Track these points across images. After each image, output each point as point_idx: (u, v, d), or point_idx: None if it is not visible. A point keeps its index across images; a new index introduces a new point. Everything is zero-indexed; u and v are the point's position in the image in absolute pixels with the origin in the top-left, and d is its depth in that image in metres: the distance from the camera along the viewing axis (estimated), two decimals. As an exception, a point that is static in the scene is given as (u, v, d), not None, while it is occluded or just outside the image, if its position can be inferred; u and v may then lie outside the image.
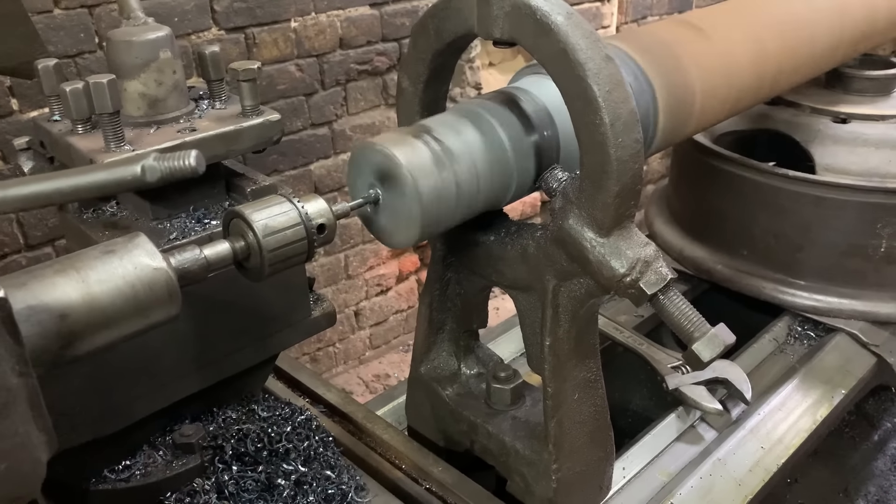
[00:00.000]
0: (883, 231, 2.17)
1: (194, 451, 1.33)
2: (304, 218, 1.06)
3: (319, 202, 1.09)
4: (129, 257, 0.85)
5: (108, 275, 0.83)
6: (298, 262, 1.08)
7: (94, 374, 1.16)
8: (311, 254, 1.08)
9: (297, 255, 1.06)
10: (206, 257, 0.98)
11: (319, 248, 1.11)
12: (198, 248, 0.99)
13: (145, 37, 1.25)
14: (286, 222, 1.04)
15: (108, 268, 0.83)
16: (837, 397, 2.00)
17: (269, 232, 1.03)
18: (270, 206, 1.05)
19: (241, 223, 1.04)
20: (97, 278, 0.82)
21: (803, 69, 1.97)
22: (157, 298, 0.87)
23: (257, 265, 1.04)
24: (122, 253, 0.85)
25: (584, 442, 1.46)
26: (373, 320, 3.82)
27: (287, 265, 1.06)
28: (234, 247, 1.03)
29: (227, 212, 1.07)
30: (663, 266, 1.23)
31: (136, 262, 0.85)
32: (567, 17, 1.15)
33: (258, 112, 1.31)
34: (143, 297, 0.86)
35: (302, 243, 1.06)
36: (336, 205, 1.13)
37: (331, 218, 1.09)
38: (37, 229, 2.58)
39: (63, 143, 1.23)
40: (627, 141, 1.16)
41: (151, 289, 0.86)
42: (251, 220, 1.03)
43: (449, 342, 1.65)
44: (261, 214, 1.04)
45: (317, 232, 1.07)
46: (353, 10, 3.16)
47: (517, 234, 1.41)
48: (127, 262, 0.85)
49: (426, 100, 1.44)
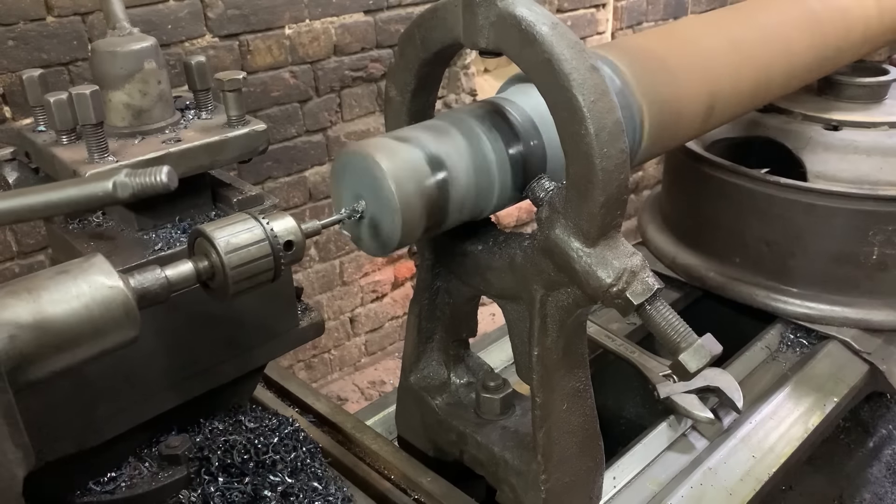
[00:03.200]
0: (875, 238, 2.17)
1: (180, 463, 1.32)
2: (270, 235, 1.03)
3: (287, 220, 1.07)
4: (84, 276, 0.83)
5: (61, 294, 0.80)
6: (265, 279, 1.04)
7: (76, 387, 1.15)
8: (278, 272, 1.05)
9: (262, 273, 1.03)
10: (168, 277, 0.96)
11: (288, 265, 1.08)
12: (159, 268, 0.97)
13: (130, 47, 1.24)
14: (250, 239, 1.02)
15: (62, 287, 0.81)
16: (829, 405, 1.99)
17: (232, 249, 1.00)
18: (234, 223, 1.03)
19: (204, 242, 1.02)
20: (50, 298, 0.80)
21: (792, 79, 1.97)
22: (113, 319, 0.84)
23: (222, 285, 1.02)
24: (76, 272, 0.83)
25: (573, 452, 1.46)
26: (368, 327, 3.81)
27: (253, 283, 1.03)
28: (198, 266, 1.00)
29: (192, 231, 1.05)
30: (650, 276, 1.23)
31: (90, 282, 0.83)
32: (552, 27, 1.15)
33: (244, 122, 1.30)
34: (99, 317, 0.83)
35: (267, 260, 1.03)
36: (306, 223, 1.11)
37: (299, 235, 1.07)
38: (30, 237, 2.58)
39: (47, 154, 1.23)
40: (613, 151, 1.15)
41: (108, 309, 0.83)
42: (213, 238, 1.00)
43: (438, 351, 1.64)
44: (223, 232, 1.01)
45: (284, 249, 1.05)
46: (348, 17, 3.16)
47: (505, 243, 1.40)
48: (81, 282, 0.82)
49: (413, 109, 1.44)
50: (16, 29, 2.36)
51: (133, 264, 1.16)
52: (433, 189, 1.21)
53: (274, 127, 3.07)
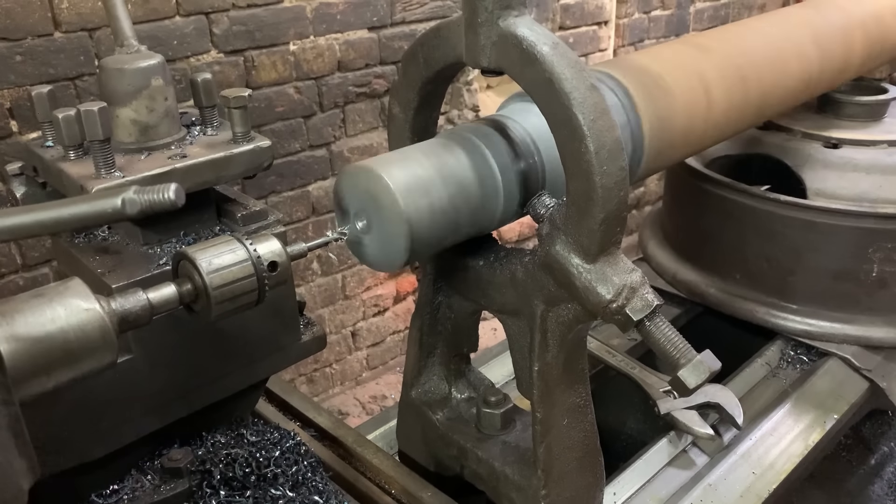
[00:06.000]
0: (874, 256, 2.18)
1: (182, 476, 1.33)
2: (254, 256, 1.03)
3: (272, 242, 1.07)
4: (60, 300, 0.82)
5: (35, 318, 0.79)
6: (249, 301, 1.05)
7: (81, 400, 1.16)
8: (262, 294, 1.06)
9: (245, 294, 1.03)
10: (150, 300, 0.96)
11: (274, 288, 1.07)
12: (141, 290, 0.97)
13: (137, 65, 1.26)
14: (233, 260, 1.02)
15: (37, 311, 0.80)
16: (830, 422, 1.99)
17: (214, 269, 1.01)
18: (217, 245, 1.03)
19: (187, 264, 1.02)
20: (24, 321, 0.79)
21: (792, 97, 1.98)
22: (90, 343, 0.83)
23: (205, 306, 1.02)
24: (52, 296, 0.82)
25: (573, 467, 1.46)
26: (370, 341, 3.81)
27: (236, 305, 1.03)
28: (181, 289, 1.01)
29: (175, 253, 1.06)
30: (649, 292, 1.24)
31: (66, 305, 0.82)
32: (553, 47, 1.17)
33: (249, 138, 1.32)
34: (75, 341, 0.82)
35: (251, 281, 1.03)
36: (292, 245, 1.12)
37: (283, 257, 1.07)
38: (34, 250, 2.59)
39: (55, 169, 1.24)
40: (612, 169, 1.17)
41: (84, 332, 0.82)
42: (196, 259, 1.01)
43: (440, 366, 1.65)
44: (206, 254, 1.02)
45: (268, 270, 1.05)
46: (352, 34, 3.19)
47: (506, 259, 1.42)
48: (57, 305, 0.81)
49: (417, 126, 1.46)
50: (24, 44, 2.39)
51: (119, 284, 1.15)
52: (438, 207, 1.22)
53: (278, 142, 3.10)
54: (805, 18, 2.11)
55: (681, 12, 4.58)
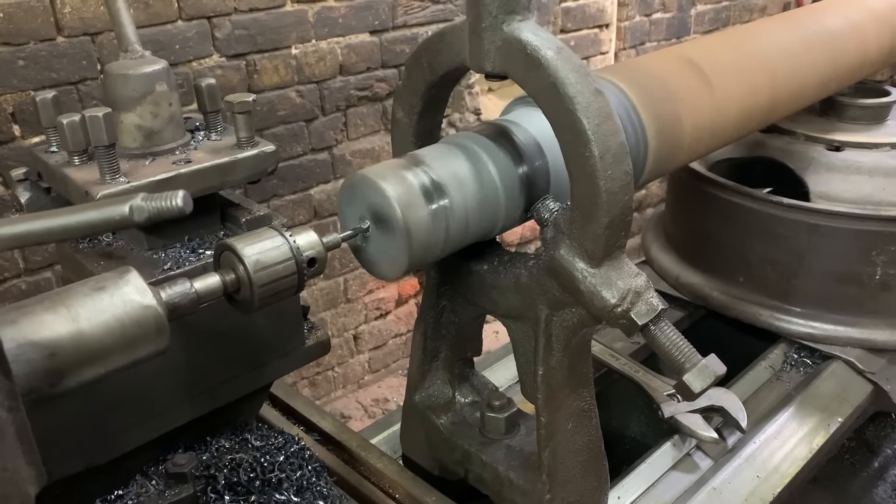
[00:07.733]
0: (878, 258, 2.18)
1: (187, 481, 1.32)
2: (296, 252, 1.07)
3: (310, 235, 1.10)
4: (119, 294, 0.85)
5: (97, 312, 0.83)
6: (288, 295, 1.08)
7: (86, 404, 1.16)
8: (300, 287, 1.09)
9: (287, 290, 1.07)
10: (197, 291, 0.99)
11: (312, 277, 1.11)
12: (188, 281, 0.99)
13: (142, 70, 1.26)
14: (277, 257, 1.05)
15: (98, 305, 0.83)
16: (834, 425, 1.99)
17: (261, 267, 1.04)
18: (262, 240, 1.06)
19: (231, 256, 1.05)
20: (86, 316, 0.82)
21: (797, 100, 1.98)
22: (145, 334, 0.87)
23: (247, 298, 1.05)
24: (112, 290, 0.85)
25: (578, 472, 1.46)
26: (372, 344, 3.82)
27: (277, 299, 1.06)
28: (225, 280, 1.04)
29: (218, 244, 1.08)
30: (654, 296, 1.24)
31: (125, 300, 0.86)
32: (557, 51, 1.17)
33: (253, 143, 1.32)
34: (132, 333, 0.86)
35: (292, 277, 1.07)
36: (327, 236, 1.14)
37: (321, 251, 1.10)
38: (37, 254, 2.60)
39: (59, 175, 1.25)
40: (617, 173, 1.17)
41: (140, 325, 0.86)
42: (242, 255, 1.04)
43: (443, 370, 1.65)
44: (252, 249, 1.04)
45: (307, 266, 1.08)
46: (354, 38, 3.20)
47: (510, 263, 1.41)
48: (117, 300, 0.85)
49: (420, 130, 1.46)
50: (26, 49, 2.39)
51: (161, 277, 1.20)
52: (440, 213, 1.22)
53: (280, 145, 3.08)
54: (815, 20, 2.11)
55: (682, 15, 4.59)
